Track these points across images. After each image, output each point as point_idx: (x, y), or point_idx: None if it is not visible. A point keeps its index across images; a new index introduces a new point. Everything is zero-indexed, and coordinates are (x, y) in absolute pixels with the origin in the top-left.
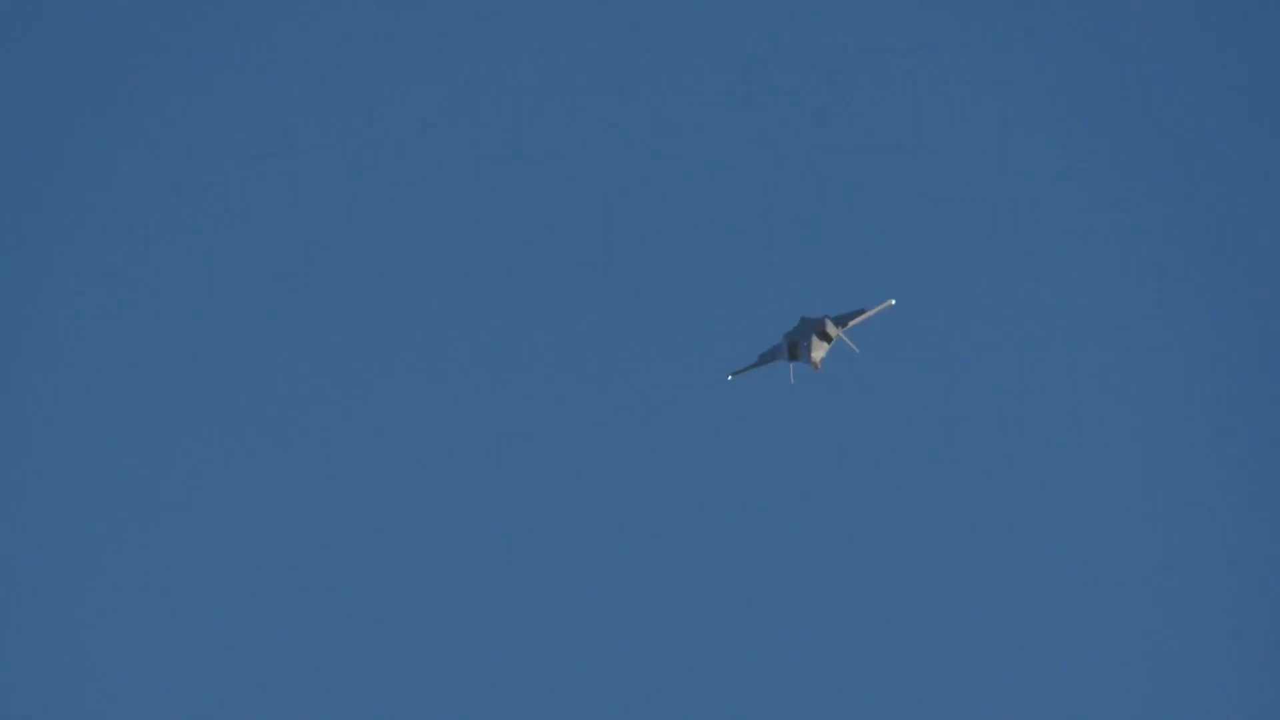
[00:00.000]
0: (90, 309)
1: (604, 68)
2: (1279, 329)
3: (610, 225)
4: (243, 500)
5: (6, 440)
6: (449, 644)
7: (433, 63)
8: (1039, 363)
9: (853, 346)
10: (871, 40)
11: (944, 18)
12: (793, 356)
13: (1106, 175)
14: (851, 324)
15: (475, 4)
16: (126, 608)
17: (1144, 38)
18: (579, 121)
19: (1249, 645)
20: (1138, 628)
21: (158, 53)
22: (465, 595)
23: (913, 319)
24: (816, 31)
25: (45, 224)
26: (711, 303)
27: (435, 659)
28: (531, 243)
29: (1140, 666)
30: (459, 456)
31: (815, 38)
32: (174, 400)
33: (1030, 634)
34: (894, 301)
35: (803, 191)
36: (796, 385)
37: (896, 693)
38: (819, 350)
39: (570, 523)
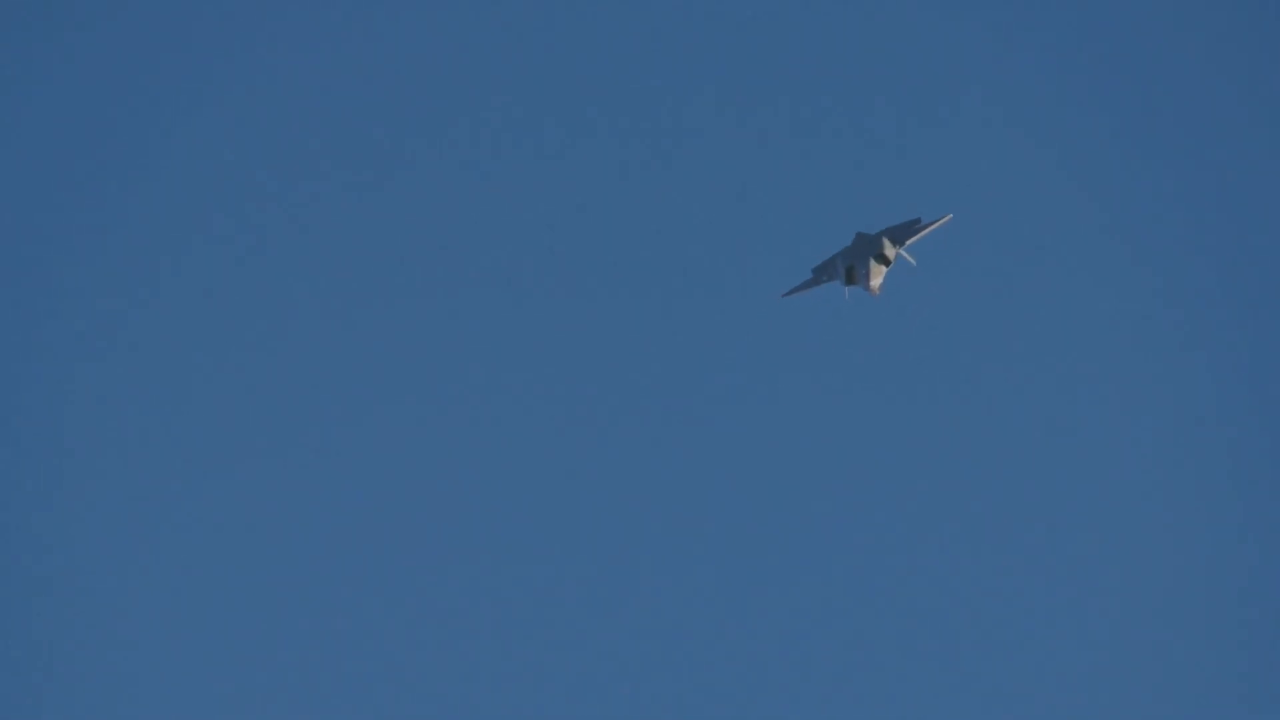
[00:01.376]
0: (99, 315)
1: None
2: None
3: (658, 135)
4: (253, 507)
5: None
6: (456, 647)
7: (443, 73)
8: (1046, 357)
9: (911, 261)
10: None
11: None
12: (849, 282)
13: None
14: (910, 241)
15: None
16: (139, 609)
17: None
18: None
19: (1253, 648)
20: (1142, 628)
21: (169, 67)
22: (480, 595)
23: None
24: None
25: (67, 234)
26: (762, 216)
27: (441, 662)
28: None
29: (1144, 668)
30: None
31: None
32: (185, 408)
33: (1035, 630)
34: (952, 215)
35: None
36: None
37: (901, 692)
38: (877, 276)
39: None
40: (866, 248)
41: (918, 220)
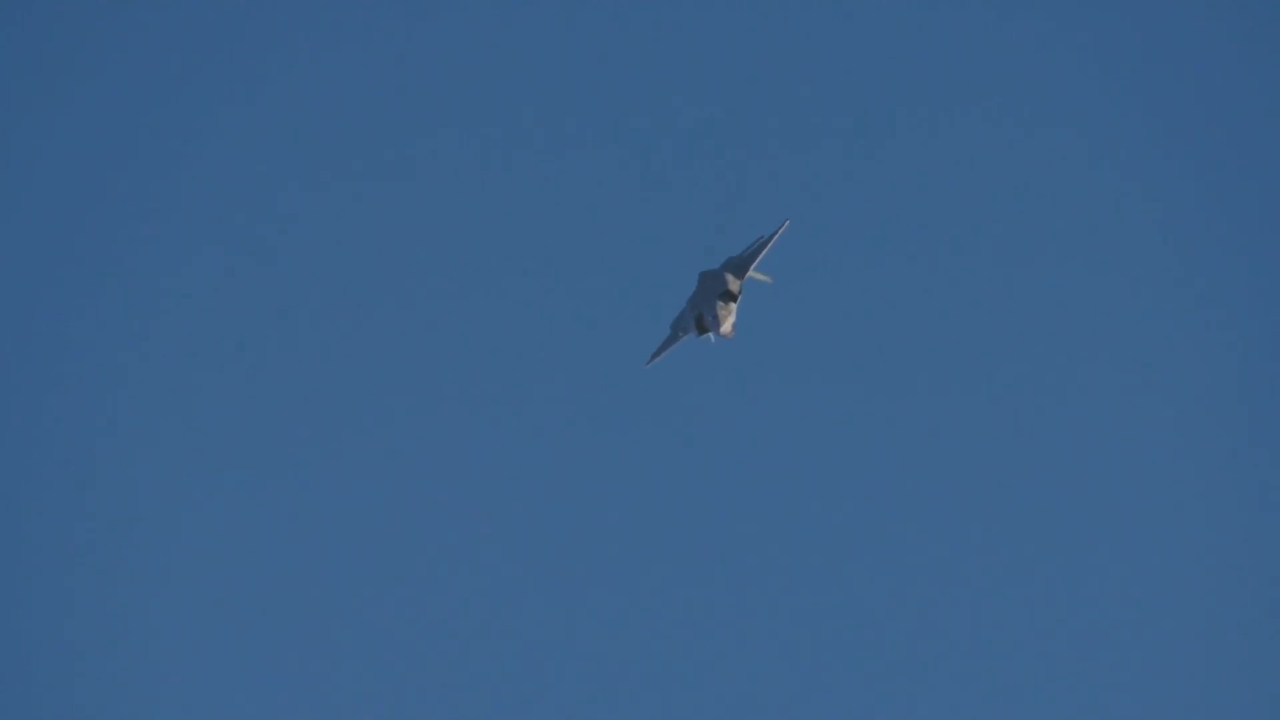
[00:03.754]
0: (106, 315)
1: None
2: None
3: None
4: (262, 511)
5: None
6: (462, 649)
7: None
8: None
9: (765, 279)
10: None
11: None
12: (701, 330)
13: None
14: (755, 263)
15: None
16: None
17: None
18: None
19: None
20: (1139, 628)
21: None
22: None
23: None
24: None
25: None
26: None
27: (447, 665)
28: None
29: (1143, 668)
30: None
31: None
32: (190, 412)
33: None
34: (789, 221)
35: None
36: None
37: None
38: (727, 317)
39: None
40: (712, 287)
41: (759, 238)
